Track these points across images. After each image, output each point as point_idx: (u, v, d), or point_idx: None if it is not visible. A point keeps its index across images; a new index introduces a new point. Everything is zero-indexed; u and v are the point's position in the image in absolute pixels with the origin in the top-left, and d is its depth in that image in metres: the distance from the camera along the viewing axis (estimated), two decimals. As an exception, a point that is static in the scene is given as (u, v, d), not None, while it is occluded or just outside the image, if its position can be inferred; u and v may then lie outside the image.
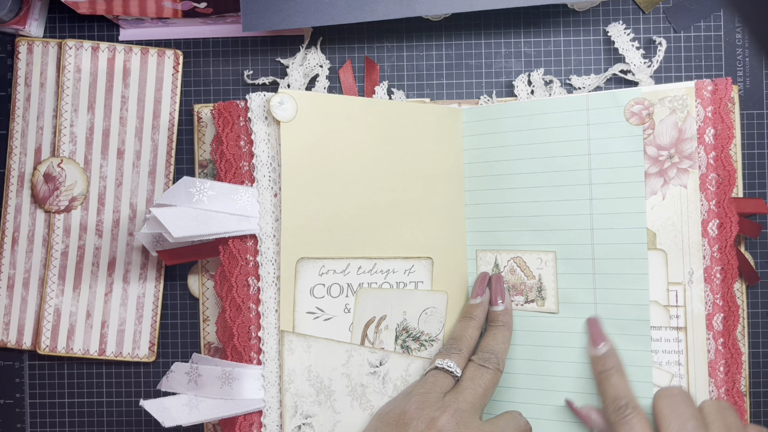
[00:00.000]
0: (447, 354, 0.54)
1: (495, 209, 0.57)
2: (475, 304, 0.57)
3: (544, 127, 0.55)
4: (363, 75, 0.62)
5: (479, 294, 0.57)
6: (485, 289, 0.57)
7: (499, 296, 0.56)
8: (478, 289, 0.57)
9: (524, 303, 0.56)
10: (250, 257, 0.54)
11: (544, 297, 0.56)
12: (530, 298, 0.56)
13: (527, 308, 0.56)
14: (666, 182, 0.53)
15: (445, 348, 0.55)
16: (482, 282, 0.57)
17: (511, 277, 0.57)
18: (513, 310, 0.57)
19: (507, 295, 0.57)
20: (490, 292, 0.57)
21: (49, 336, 0.61)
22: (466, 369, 0.53)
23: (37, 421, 0.63)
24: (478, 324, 0.56)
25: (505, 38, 0.61)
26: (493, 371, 0.52)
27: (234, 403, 0.53)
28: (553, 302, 0.55)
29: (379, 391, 0.55)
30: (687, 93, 0.53)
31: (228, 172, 0.54)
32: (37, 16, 0.62)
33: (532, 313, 0.56)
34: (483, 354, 0.54)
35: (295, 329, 0.53)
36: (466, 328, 0.55)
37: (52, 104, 0.62)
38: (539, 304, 0.56)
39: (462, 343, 0.54)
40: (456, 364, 0.53)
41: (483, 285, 0.57)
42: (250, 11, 0.55)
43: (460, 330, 0.56)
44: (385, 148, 0.55)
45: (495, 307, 0.56)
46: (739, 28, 0.60)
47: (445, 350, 0.54)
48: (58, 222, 0.61)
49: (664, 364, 0.54)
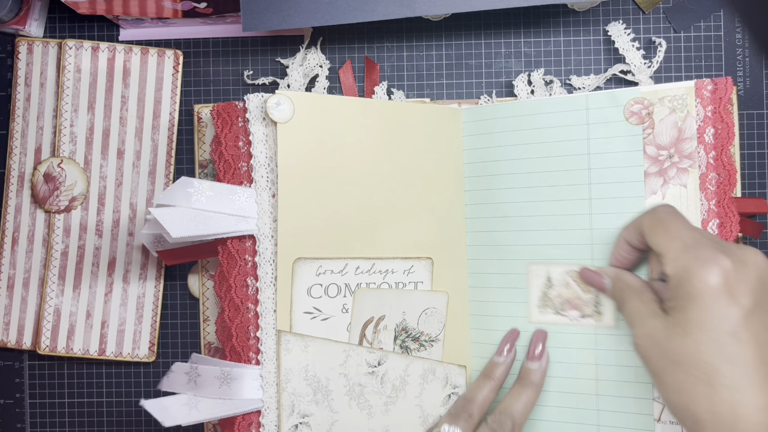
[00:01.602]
0: (455, 419, 0.52)
1: (495, 209, 0.57)
2: (497, 362, 0.54)
3: (544, 126, 0.55)
4: (363, 75, 0.62)
5: (503, 352, 0.54)
6: (513, 347, 0.55)
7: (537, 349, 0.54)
8: (503, 345, 0.55)
9: (579, 318, 0.55)
10: (249, 257, 0.54)
11: (601, 312, 0.54)
12: (586, 312, 0.54)
13: (582, 323, 0.55)
14: (666, 182, 0.53)
15: (455, 410, 0.53)
16: (510, 338, 0.55)
17: (565, 291, 0.55)
18: (567, 325, 0.54)
19: (546, 354, 0.54)
20: (530, 344, 0.54)
21: (49, 336, 0.61)
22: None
23: (37, 421, 0.63)
24: (497, 386, 0.54)
25: (505, 38, 0.61)
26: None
27: (233, 403, 0.53)
28: (611, 317, 0.54)
29: (377, 391, 0.55)
30: (687, 92, 0.53)
31: (227, 172, 0.54)
32: (37, 16, 0.62)
33: (587, 328, 0.54)
34: (499, 416, 0.51)
35: (292, 329, 0.53)
36: (481, 389, 0.53)
37: (52, 104, 0.62)
38: (596, 319, 0.54)
39: (473, 406, 0.52)
40: (462, 430, 0.51)
41: (510, 341, 0.55)
42: (250, 11, 0.55)
43: (475, 390, 0.54)
44: (384, 148, 0.55)
45: (530, 363, 0.54)
46: (739, 28, 0.60)
47: (455, 413, 0.52)
48: (58, 222, 0.61)
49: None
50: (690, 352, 0.43)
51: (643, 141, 0.53)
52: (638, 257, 0.52)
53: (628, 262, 0.52)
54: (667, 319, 0.45)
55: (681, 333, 0.43)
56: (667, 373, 0.44)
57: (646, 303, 0.47)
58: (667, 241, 0.46)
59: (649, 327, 0.46)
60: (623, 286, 0.50)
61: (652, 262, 0.51)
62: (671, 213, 0.47)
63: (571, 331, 0.55)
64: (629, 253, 0.51)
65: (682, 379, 0.43)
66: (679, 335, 0.43)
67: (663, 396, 0.45)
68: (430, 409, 0.56)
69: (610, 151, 0.53)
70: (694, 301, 0.43)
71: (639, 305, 0.48)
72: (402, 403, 0.55)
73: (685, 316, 0.43)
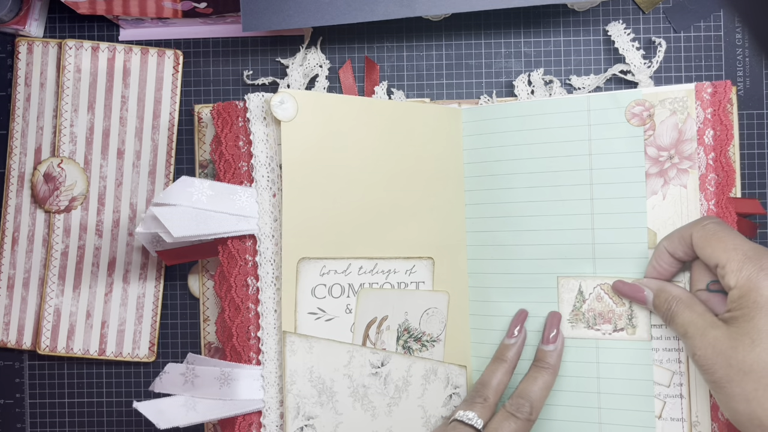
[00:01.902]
0: (470, 404, 0.52)
1: (495, 209, 0.57)
2: (508, 344, 0.55)
3: (545, 127, 0.55)
4: (363, 75, 0.62)
5: (514, 333, 0.55)
6: (522, 328, 0.55)
7: (552, 333, 0.54)
8: (513, 327, 0.55)
9: (612, 332, 0.54)
10: (249, 257, 0.54)
11: (635, 325, 0.54)
12: (619, 326, 0.54)
13: (615, 337, 0.54)
14: (666, 182, 0.54)
15: (470, 395, 0.53)
16: (519, 319, 0.55)
17: (598, 305, 0.55)
18: (601, 339, 0.54)
19: (561, 336, 0.54)
20: (545, 329, 0.54)
21: (49, 336, 0.61)
22: (494, 417, 0.51)
23: (37, 421, 0.63)
24: (510, 368, 0.54)
25: (505, 38, 0.61)
26: (523, 421, 0.50)
27: (233, 404, 0.53)
28: (645, 330, 0.54)
29: (380, 392, 0.55)
30: (687, 95, 0.53)
31: (227, 172, 0.54)
32: (37, 16, 0.62)
33: (620, 342, 0.54)
34: (517, 400, 0.51)
35: (296, 330, 0.53)
36: (495, 373, 0.54)
37: (52, 104, 0.62)
38: (629, 333, 0.54)
39: (488, 390, 0.53)
40: (478, 415, 0.51)
41: (519, 323, 0.55)
42: (250, 11, 0.55)
43: (488, 374, 0.54)
44: (386, 148, 0.55)
45: (545, 345, 0.54)
46: (739, 28, 0.60)
47: (470, 398, 0.53)
48: (58, 222, 0.61)
49: (664, 362, 0.54)
50: (761, 361, 0.44)
51: (644, 142, 0.53)
52: (679, 268, 0.52)
53: (668, 273, 0.52)
54: (730, 329, 0.46)
55: (749, 342, 0.44)
56: (734, 382, 0.45)
57: (701, 314, 0.48)
58: (726, 252, 0.46)
59: (711, 338, 0.46)
60: (669, 298, 0.50)
61: (697, 273, 0.51)
62: (723, 225, 0.48)
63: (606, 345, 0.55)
64: (671, 264, 0.51)
65: (753, 388, 0.44)
66: (747, 345, 0.44)
67: (727, 405, 0.46)
68: (432, 410, 0.56)
69: (612, 152, 0.54)
70: (762, 310, 0.44)
71: (694, 317, 0.48)
72: (405, 404, 0.55)
73: (752, 325, 0.44)
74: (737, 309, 0.45)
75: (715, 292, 0.49)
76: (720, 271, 0.47)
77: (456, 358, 0.57)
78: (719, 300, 0.49)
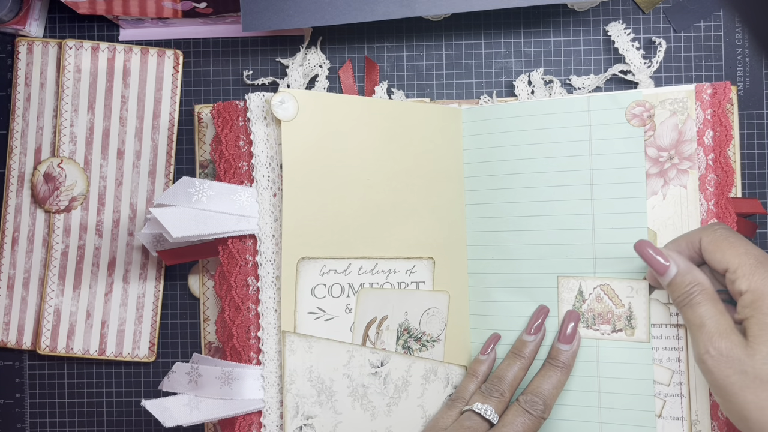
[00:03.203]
0: (487, 397, 0.52)
1: (496, 209, 0.57)
2: (526, 340, 0.54)
3: (545, 127, 0.55)
4: (363, 75, 0.62)
5: (534, 330, 0.54)
6: (542, 325, 0.55)
7: (568, 331, 0.53)
8: (533, 322, 0.54)
9: (611, 332, 0.54)
10: (250, 257, 0.54)
11: (633, 326, 0.54)
12: (618, 327, 0.54)
13: (614, 337, 0.54)
14: (666, 183, 0.54)
15: (487, 388, 0.53)
16: (539, 316, 0.55)
17: (597, 305, 0.55)
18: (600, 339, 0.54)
19: (578, 336, 0.54)
20: (561, 325, 0.54)
21: (49, 336, 0.61)
22: (508, 412, 0.51)
23: (37, 421, 0.63)
24: (526, 364, 0.54)
25: (505, 38, 0.61)
26: (536, 418, 0.50)
27: (233, 404, 0.53)
28: (644, 331, 0.54)
29: (380, 391, 0.55)
30: (687, 96, 0.53)
31: (227, 172, 0.54)
32: (37, 16, 0.62)
33: (619, 342, 0.54)
34: (530, 397, 0.51)
35: (296, 329, 0.53)
36: (511, 367, 0.53)
37: (52, 104, 0.62)
38: (628, 334, 0.54)
39: (504, 384, 0.52)
40: (494, 410, 0.51)
41: (540, 320, 0.55)
42: (250, 11, 0.55)
43: (505, 369, 0.53)
44: (386, 148, 0.55)
45: (561, 344, 0.54)
46: (739, 28, 0.60)
47: (486, 391, 0.53)
48: (58, 222, 0.61)
49: (664, 361, 0.54)
50: None
51: (644, 142, 0.53)
52: None
53: None
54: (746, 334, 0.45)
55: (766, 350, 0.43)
56: (748, 389, 0.44)
57: (723, 313, 0.46)
58: (738, 257, 0.46)
59: (728, 341, 0.45)
60: (695, 283, 0.48)
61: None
62: (732, 231, 0.48)
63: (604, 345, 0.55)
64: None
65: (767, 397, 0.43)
66: (765, 353, 0.43)
67: (737, 412, 0.45)
68: (432, 410, 0.56)
69: (612, 153, 0.54)
70: None
71: (716, 313, 0.46)
72: (404, 404, 0.55)
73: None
74: (750, 313, 0.45)
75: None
76: (730, 276, 0.46)
77: (456, 358, 0.57)
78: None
